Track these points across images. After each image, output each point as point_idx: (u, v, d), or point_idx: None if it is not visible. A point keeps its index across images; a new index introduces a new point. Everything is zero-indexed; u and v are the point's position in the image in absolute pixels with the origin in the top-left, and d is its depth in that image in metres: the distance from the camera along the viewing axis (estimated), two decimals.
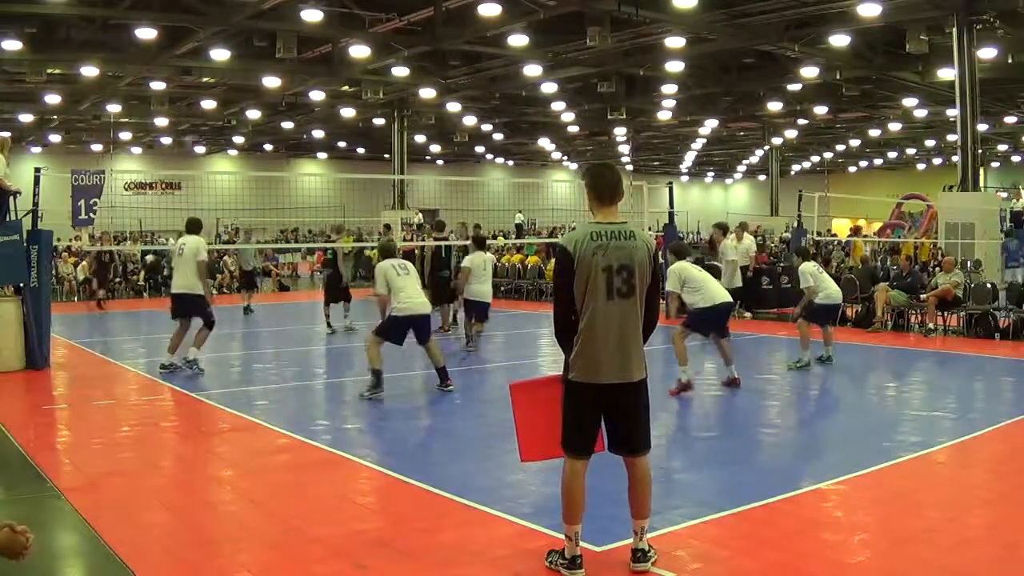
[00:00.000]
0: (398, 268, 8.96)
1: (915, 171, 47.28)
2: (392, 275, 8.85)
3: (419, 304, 8.91)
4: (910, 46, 18.18)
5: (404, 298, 8.76)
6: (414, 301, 8.86)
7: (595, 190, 4.27)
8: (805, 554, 4.53)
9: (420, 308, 8.90)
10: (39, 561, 4.11)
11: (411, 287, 8.90)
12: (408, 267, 9.10)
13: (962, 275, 14.23)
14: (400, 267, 9.02)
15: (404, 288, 8.80)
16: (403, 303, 8.75)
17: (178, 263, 10.32)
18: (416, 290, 9.00)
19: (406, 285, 8.84)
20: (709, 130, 34.57)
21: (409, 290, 8.84)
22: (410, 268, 9.10)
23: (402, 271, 8.95)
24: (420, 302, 8.96)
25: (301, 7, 17.02)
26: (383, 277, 8.85)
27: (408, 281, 8.90)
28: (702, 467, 6.36)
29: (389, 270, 8.86)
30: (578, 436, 4.21)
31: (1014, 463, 6.40)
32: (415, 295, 8.91)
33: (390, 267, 8.89)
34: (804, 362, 10.29)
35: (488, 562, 4.40)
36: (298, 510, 5.30)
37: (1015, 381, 10.01)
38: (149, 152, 39.46)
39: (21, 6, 16.74)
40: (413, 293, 8.89)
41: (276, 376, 10.63)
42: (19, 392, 9.59)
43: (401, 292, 8.77)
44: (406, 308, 8.75)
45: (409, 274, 8.98)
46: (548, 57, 21.34)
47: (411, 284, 8.93)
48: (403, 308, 8.74)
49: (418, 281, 9.19)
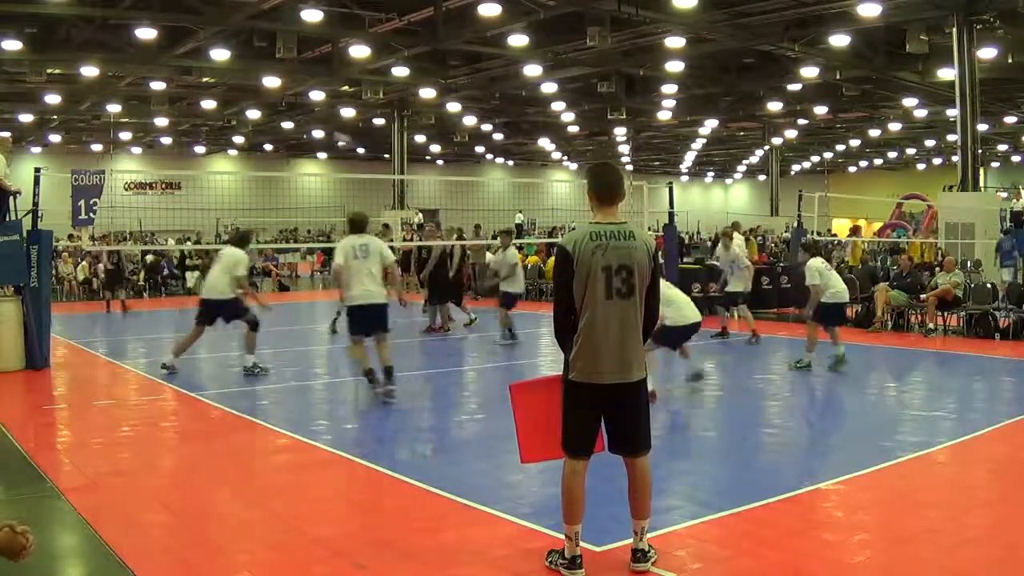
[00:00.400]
0: (358, 249, 8.35)
1: (915, 171, 47.27)
2: (349, 254, 8.31)
3: (368, 292, 8.29)
4: (910, 46, 18.18)
5: (355, 284, 8.25)
6: (364, 287, 8.27)
7: (595, 190, 4.27)
8: (805, 554, 4.52)
9: (371, 297, 8.30)
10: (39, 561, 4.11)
11: (365, 272, 8.28)
12: (369, 249, 8.39)
13: (962, 275, 14.23)
14: (360, 249, 8.37)
15: (358, 273, 8.25)
16: (354, 290, 8.27)
17: (214, 268, 10.31)
18: (371, 276, 8.33)
19: (360, 270, 8.26)
20: (709, 130, 34.57)
21: (363, 276, 8.26)
22: (371, 251, 8.37)
23: (361, 253, 8.34)
24: (372, 290, 8.33)
25: (301, 7, 17.03)
26: (341, 253, 8.37)
27: (363, 266, 8.28)
28: (702, 467, 6.36)
29: (348, 249, 8.33)
30: (578, 436, 4.21)
31: (1014, 463, 6.40)
32: (368, 282, 8.30)
33: (350, 246, 8.35)
34: (805, 363, 10.23)
35: (488, 562, 4.40)
36: (298, 510, 5.30)
37: (1015, 381, 10.01)
38: (149, 152, 39.46)
39: (21, 6, 16.75)
40: (367, 280, 8.28)
41: (276, 376, 10.62)
42: (19, 392, 9.59)
43: (353, 278, 8.26)
44: (357, 297, 8.28)
45: (368, 257, 8.32)
46: (548, 57, 21.34)
47: (366, 269, 8.30)
48: (354, 297, 8.28)
49: (378, 266, 8.41)
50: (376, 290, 8.36)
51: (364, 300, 8.30)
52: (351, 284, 8.30)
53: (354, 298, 8.33)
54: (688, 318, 8.57)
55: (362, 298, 8.30)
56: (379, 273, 8.42)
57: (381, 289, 8.43)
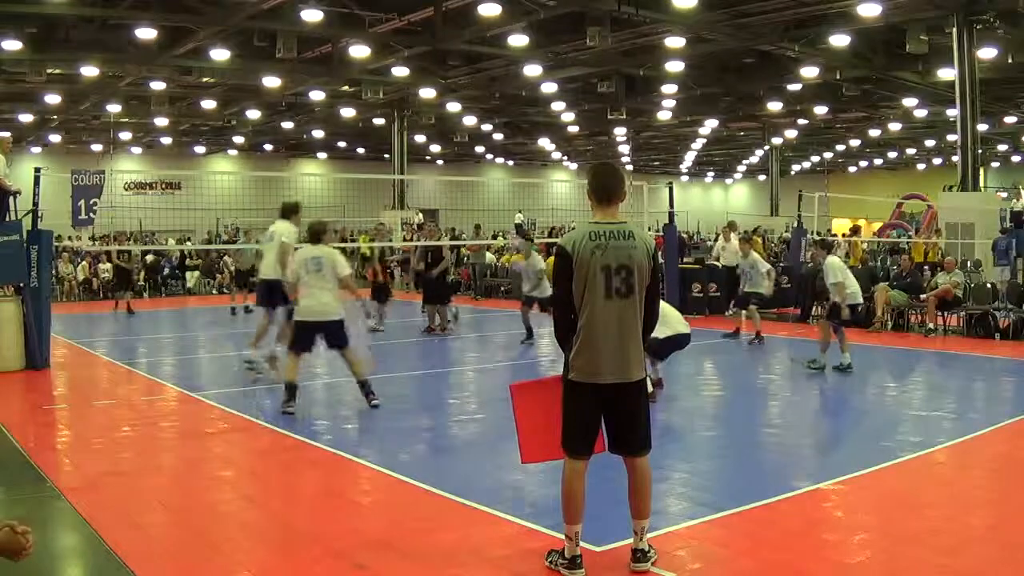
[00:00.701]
0: (310, 263, 8.04)
1: (915, 171, 47.26)
2: (301, 268, 8.06)
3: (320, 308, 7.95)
4: (910, 46, 18.18)
5: (306, 299, 7.98)
6: (316, 302, 7.97)
7: (595, 190, 4.27)
8: (805, 554, 4.53)
9: (324, 314, 7.95)
10: (39, 561, 4.12)
11: (318, 287, 7.99)
12: (322, 263, 8.05)
13: (962, 275, 14.23)
14: (312, 262, 8.05)
15: (309, 287, 8.00)
16: (304, 305, 8.00)
17: (266, 248, 9.82)
18: (324, 291, 8.01)
19: (312, 285, 8.00)
20: (709, 130, 34.56)
21: (315, 290, 7.97)
22: (323, 264, 8.04)
23: (313, 267, 8.03)
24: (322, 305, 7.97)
25: (301, 7, 17.02)
26: (293, 271, 8.17)
27: (316, 280, 7.99)
28: (702, 467, 6.36)
29: (300, 263, 8.08)
30: (578, 436, 4.21)
31: (1014, 463, 6.40)
32: (321, 297, 7.98)
33: (302, 260, 8.09)
34: (820, 364, 10.07)
35: (488, 562, 4.40)
36: (298, 510, 5.30)
37: (1015, 381, 10.01)
38: (149, 152, 39.43)
39: (21, 6, 16.73)
40: (320, 295, 7.97)
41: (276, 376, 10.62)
42: (19, 392, 9.59)
43: (304, 292, 7.99)
44: (307, 312, 7.98)
45: (320, 271, 8.00)
46: (548, 57, 21.34)
47: (319, 284, 8.00)
48: (303, 312, 7.99)
49: (332, 280, 8.06)
50: (330, 306, 8.03)
51: (315, 317, 7.97)
52: (302, 298, 8.02)
53: (303, 313, 8.02)
54: (678, 331, 8.56)
55: (313, 315, 7.97)
56: (334, 286, 8.09)
57: (334, 303, 8.08)
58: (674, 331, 8.44)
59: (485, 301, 21.09)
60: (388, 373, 10.61)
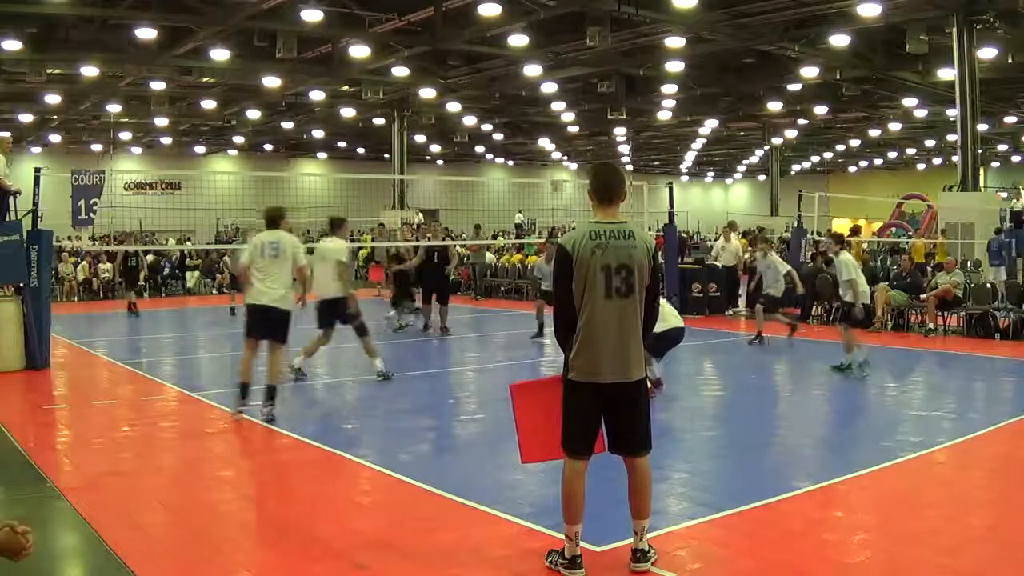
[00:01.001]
0: (267, 247, 7.68)
1: (915, 171, 47.28)
2: (257, 252, 7.70)
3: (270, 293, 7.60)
4: (910, 46, 18.19)
5: (258, 283, 7.64)
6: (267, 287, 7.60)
7: (597, 190, 4.27)
8: (805, 554, 4.53)
9: (272, 300, 7.60)
10: (39, 561, 4.12)
11: (273, 273, 7.62)
12: (279, 247, 7.67)
13: (962, 275, 14.23)
14: (270, 246, 7.68)
15: (264, 271, 7.62)
16: (255, 289, 7.65)
17: (316, 265, 9.41)
18: (278, 277, 7.63)
19: (267, 270, 7.61)
20: (709, 130, 34.58)
21: (269, 276, 7.60)
22: (281, 249, 7.66)
23: (271, 251, 7.65)
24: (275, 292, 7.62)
25: (301, 7, 17.03)
26: (248, 251, 7.82)
27: (272, 265, 7.61)
28: (702, 467, 6.36)
29: (257, 246, 7.75)
30: (578, 436, 4.21)
31: (1014, 463, 6.40)
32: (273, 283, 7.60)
33: (260, 243, 7.74)
34: (847, 364, 9.81)
35: (488, 562, 4.40)
36: (298, 510, 5.30)
37: (1015, 381, 10.01)
38: (149, 152, 39.46)
39: (21, 6, 16.74)
40: (272, 281, 7.59)
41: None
42: (19, 392, 9.58)
43: (257, 276, 7.64)
44: (256, 296, 7.63)
45: (278, 257, 7.63)
46: (548, 57, 21.34)
47: (274, 270, 7.61)
48: (253, 295, 7.65)
49: (288, 267, 7.70)
50: (280, 293, 7.66)
51: (263, 301, 7.61)
52: (254, 283, 7.65)
53: (253, 296, 7.65)
54: (672, 324, 8.51)
55: (262, 298, 7.62)
56: (288, 275, 7.73)
57: (287, 293, 7.70)
58: (669, 325, 8.35)
59: (485, 301, 21.09)
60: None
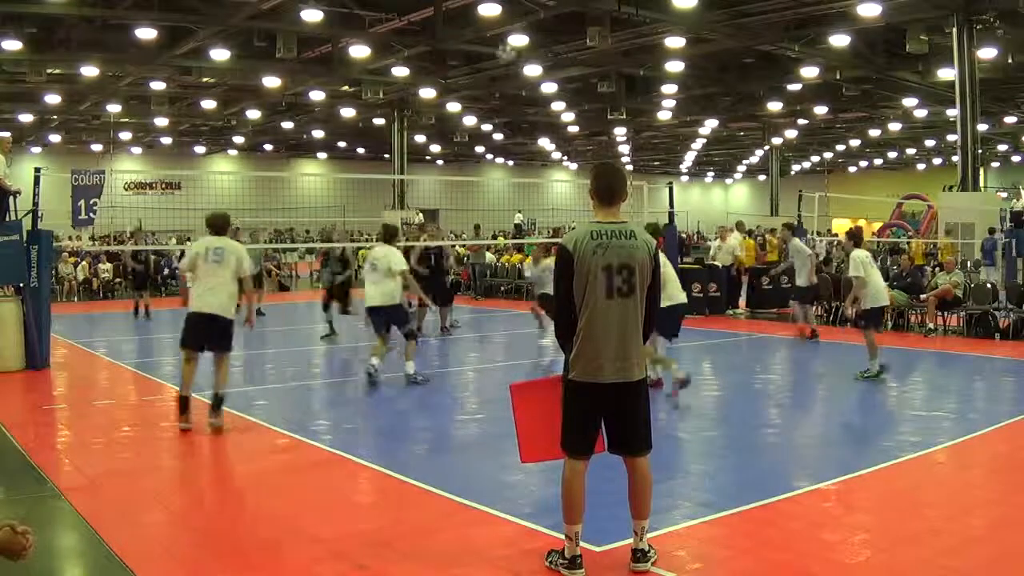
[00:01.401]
0: (211, 253, 7.31)
1: (915, 171, 47.28)
2: (199, 258, 7.32)
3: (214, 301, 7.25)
4: (910, 46, 18.19)
5: (199, 290, 7.29)
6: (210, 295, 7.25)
7: (598, 190, 4.27)
8: (805, 554, 4.53)
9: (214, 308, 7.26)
10: (39, 561, 4.11)
11: (214, 278, 7.27)
12: (223, 254, 7.30)
13: (962, 275, 14.23)
14: (214, 252, 7.30)
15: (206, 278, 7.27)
16: (196, 297, 7.31)
17: (367, 276, 9.54)
18: (221, 285, 7.28)
19: (209, 276, 7.26)
20: (709, 130, 34.58)
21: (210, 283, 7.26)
22: (225, 256, 7.29)
23: (214, 257, 7.27)
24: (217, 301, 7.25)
25: (301, 7, 17.03)
26: (190, 257, 7.47)
27: (215, 272, 7.26)
28: (702, 467, 6.36)
29: (199, 252, 7.36)
30: (578, 436, 4.21)
31: (1014, 463, 6.40)
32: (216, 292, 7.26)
33: (202, 249, 7.36)
34: (875, 372, 9.49)
35: (488, 562, 4.40)
36: (298, 510, 5.30)
37: (1015, 381, 10.01)
38: (149, 152, 39.47)
39: (21, 6, 16.75)
40: (215, 289, 7.26)
41: (275, 376, 10.63)
42: (19, 392, 9.58)
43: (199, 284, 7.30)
44: (198, 304, 7.28)
45: (221, 263, 7.26)
46: (548, 57, 21.35)
47: (218, 277, 7.27)
48: (195, 303, 7.31)
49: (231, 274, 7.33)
50: (224, 301, 7.31)
51: (206, 309, 7.27)
52: (195, 289, 7.34)
53: (195, 304, 7.32)
54: (677, 299, 8.37)
55: (204, 306, 7.28)
56: (231, 283, 7.36)
57: (230, 301, 7.36)
58: (675, 300, 8.26)
59: (485, 301, 21.09)
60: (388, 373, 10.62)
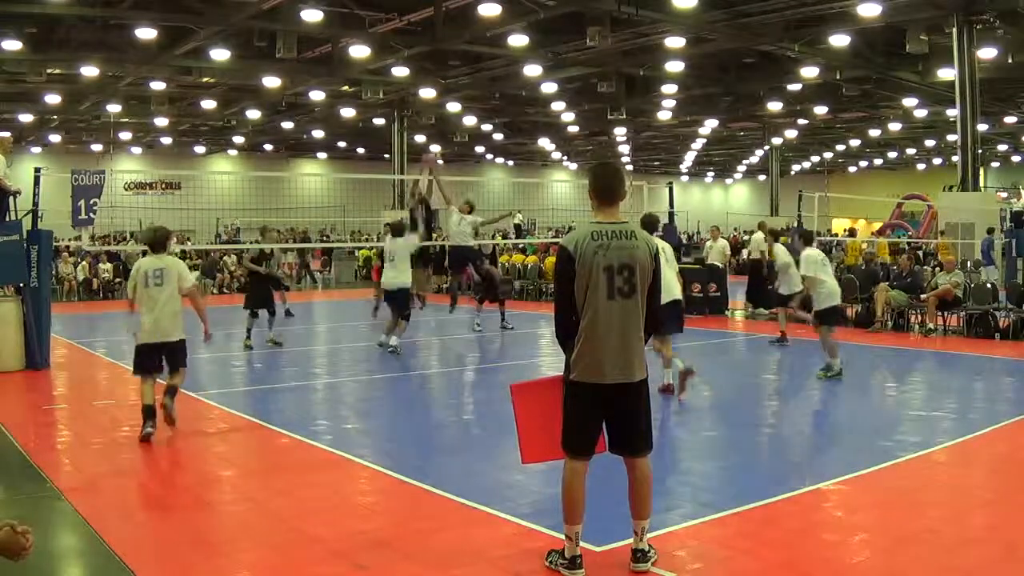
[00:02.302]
0: (151, 276, 7.02)
1: (915, 171, 47.28)
2: (140, 282, 7.06)
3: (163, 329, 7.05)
4: (910, 46, 18.18)
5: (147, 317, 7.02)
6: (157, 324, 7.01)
7: (597, 190, 4.27)
8: (805, 554, 4.53)
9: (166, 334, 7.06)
10: (39, 561, 4.11)
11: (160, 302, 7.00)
12: (164, 275, 7.03)
13: (962, 275, 14.23)
14: (154, 275, 7.02)
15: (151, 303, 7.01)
16: (146, 324, 7.04)
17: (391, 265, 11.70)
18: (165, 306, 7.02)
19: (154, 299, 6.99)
20: (709, 130, 34.56)
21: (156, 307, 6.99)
22: (166, 276, 7.02)
23: (154, 279, 7.00)
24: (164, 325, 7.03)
25: (301, 7, 17.02)
26: (132, 280, 7.18)
27: (157, 295, 6.98)
28: (702, 467, 6.36)
29: (139, 276, 7.07)
30: (579, 437, 4.21)
31: (1014, 463, 6.40)
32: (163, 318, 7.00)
33: (142, 273, 7.05)
34: (836, 371, 9.47)
35: (488, 562, 4.40)
36: (298, 510, 5.30)
37: (1015, 381, 10.00)
38: (149, 152, 39.44)
39: (21, 6, 16.73)
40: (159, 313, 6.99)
41: (276, 376, 10.63)
42: (19, 392, 9.59)
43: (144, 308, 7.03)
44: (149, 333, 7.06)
45: (163, 284, 6.98)
46: (548, 57, 21.34)
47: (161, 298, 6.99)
48: (146, 332, 7.07)
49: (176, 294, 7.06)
50: (172, 324, 7.12)
51: (157, 339, 7.09)
52: (143, 316, 7.08)
53: (146, 334, 7.08)
54: (676, 295, 8.36)
55: (154, 335, 7.08)
56: (177, 302, 7.16)
57: (179, 321, 7.19)
58: (673, 296, 8.22)
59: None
60: (388, 373, 10.63)
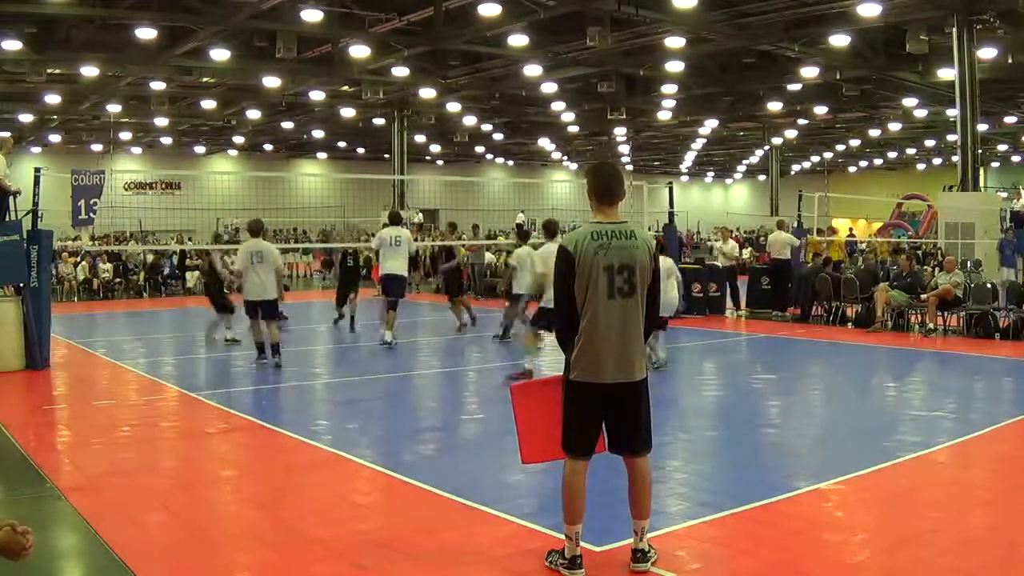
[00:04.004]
0: (254, 254, 7.53)
1: (915, 171, 47.27)
2: (247, 259, 7.52)
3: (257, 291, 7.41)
4: (910, 46, 18.17)
5: (250, 280, 7.48)
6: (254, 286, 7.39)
7: (596, 190, 4.27)
8: (805, 554, 4.53)
9: (257, 295, 7.42)
10: (39, 561, 4.11)
11: (261, 272, 7.46)
12: (262, 255, 7.52)
13: (962, 275, 14.23)
14: (256, 254, 7.50)
15: (252, 272, 7.42)
16: (250, 287, 7.51)
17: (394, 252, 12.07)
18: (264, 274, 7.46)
19: (256, 270, 7.40)
20: (709, 130, 34.55)
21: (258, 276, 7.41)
22: (265, 254, 7.45)
23: (256, 257, 7.45)
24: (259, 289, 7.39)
25: (301, 7, 17.01)
26: (242, 257, 7.62)
27: (259, 266, 7.42)
28: (702, 467, 6.36)
29: (246, 254, 7.50)
30: (579, 436, 4.21)
31: (1014, 463, 6.40)
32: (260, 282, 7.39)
33: (248, 252, 7.49)
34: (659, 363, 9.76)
35: (488, 562, 4.40)
36: (298, 510, 5.30)
37: (1015, 381, 10.01)
38: (149, 152, 39.44)
39: (21, 6, 16.72)
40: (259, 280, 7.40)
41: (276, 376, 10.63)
42: (19, 392, 9.59)
43: (248, 275, 7.46)
44: (251, 292, 7.45)
45: (262, 262, 7.46)
46: (548, 57, 21.34)
47: (261, 269, 7.44)
48: (249, 291, 7.50)
49: (269, 268, 7.54)
50: (264, 288, 7.54)
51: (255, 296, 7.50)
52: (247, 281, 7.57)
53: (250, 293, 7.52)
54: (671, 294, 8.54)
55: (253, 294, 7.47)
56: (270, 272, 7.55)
57: (267, 286, 7.60)
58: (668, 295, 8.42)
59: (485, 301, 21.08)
60: (389, 373, 10.63)
